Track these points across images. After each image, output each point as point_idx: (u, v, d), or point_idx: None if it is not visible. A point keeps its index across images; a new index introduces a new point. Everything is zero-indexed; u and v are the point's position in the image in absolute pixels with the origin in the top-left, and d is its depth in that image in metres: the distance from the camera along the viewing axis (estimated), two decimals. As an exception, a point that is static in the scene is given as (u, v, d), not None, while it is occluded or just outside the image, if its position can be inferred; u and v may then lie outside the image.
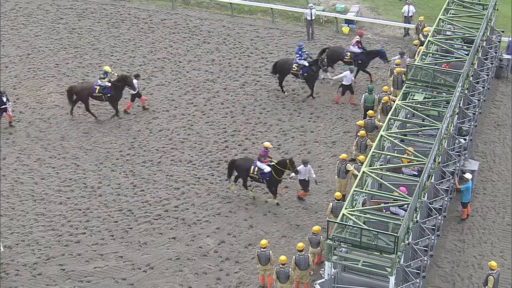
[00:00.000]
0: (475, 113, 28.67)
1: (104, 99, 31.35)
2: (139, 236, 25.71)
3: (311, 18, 36.73)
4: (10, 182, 28.07)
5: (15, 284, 23.89)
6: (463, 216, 26.11)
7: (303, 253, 22.55)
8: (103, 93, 31.10)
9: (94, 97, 31.31)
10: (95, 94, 31.14)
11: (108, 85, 31.09)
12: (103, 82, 31.12)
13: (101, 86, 31.07)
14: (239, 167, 26.96)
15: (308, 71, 32.10)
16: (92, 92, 31.12)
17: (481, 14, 31.57)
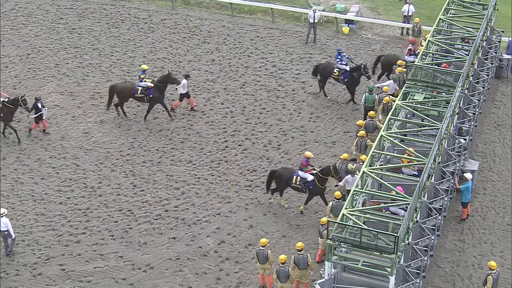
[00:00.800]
0: (475, 113, 28.67)
1: (146, 100, 31.02)
2: (139, 236, 25.71)
3: (313, 21, 36.61)
4: (10, 182, 28.07)
5: (15, 284, 23.89)
6: (463, 216, 26.11)
7: (302, 252, 22.55)
8: (145, 94, 30.80)
9: (136, 98, 31.05)
10: (138, 95, 30.85)
11: (151, 85, 30.73)
12: (145, 83, 30.79)
13: (143, 87, 30.74)
14: (280, 177, 26.33)
15: (349, 76, 31.56)
16: (134, 93, 30.81)
17: (481, 14, 31.57)
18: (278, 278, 22.33)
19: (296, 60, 35.60)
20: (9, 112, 29.74)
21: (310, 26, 36.84)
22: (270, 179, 26.58)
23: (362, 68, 31.67)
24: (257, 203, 27.14)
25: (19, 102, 29.63)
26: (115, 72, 34.76)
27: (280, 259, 22.25)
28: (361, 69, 31.70)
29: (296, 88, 33.57)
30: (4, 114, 29.68)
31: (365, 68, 31.64)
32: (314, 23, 36.68)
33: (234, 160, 29.03)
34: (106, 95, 33.05)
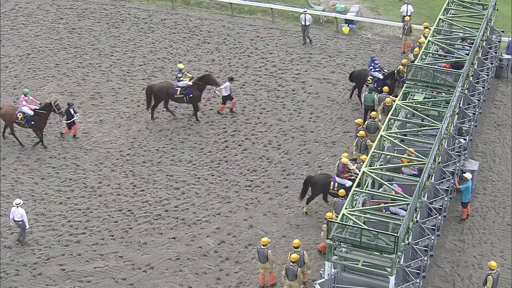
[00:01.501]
0: (475, 113, 28.67)
1: (186, 100, 30.73)
2: (139, 236, 25.71)
3: (305, 23, 36.38)
4: (10, 182, 28.07)
5: (15, 284, 23.90)
6: (463, 216, 26.11)
7: (298, 249, 22.63)
8: (185, 94, 30.54)
9: (175, 99, 30.75)
10: (177, 96, 30.50)
11: (190, 84, 30.52)
12: (184, 82, 30.51)
13: (182, 87, 30.45)
14: (316, 183, 25.89)
15: (382, 84, 30.95)
16: (174, 93, 30.47)
17: (481, 14, 31.56)
18: (287, 276, 22.41)
19: (296, 60, 35.60)
20: (42, 119, 29.48)
21: (303, 29, 36.63)
22: (306, 185, 26.01)
23: (395, 74, 31.13)
24: (257, 203, 27.14)
25: (52, 108, 29.37)
26: (115, 72, 34.76)
27: (291, 258, 22.32)
28: (394, 76, 31.15)
29: (296, 88, 33.56)
30: (37, 122, 29.39)
31: (399, 73, 30.95)
32: (306, 25, 36.46)
33: (234, 160, 29.02)
34: (105, 94, 33.10)
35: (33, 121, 29.34)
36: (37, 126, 29.53)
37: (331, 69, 34.77)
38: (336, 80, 33.94)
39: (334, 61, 35.45)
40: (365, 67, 34.76)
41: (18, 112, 29.36)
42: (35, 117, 29.32)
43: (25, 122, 29.41)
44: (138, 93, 33.23)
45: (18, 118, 29.34)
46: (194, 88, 30.56)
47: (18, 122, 29.55)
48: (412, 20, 37.61)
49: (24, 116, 29.30)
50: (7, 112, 29.63)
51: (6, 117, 29.63)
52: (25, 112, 29.30)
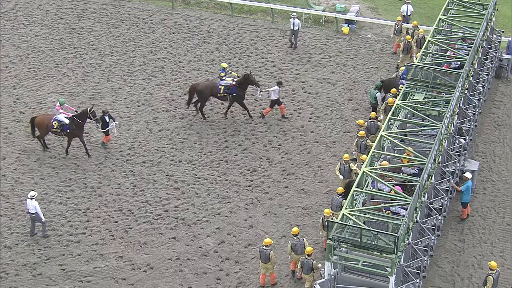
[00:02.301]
0: (475, 113, 28.67)
1: (228, 98, 30.85)
2: (139, 236, 25.72)
3: (293, 27, 36.00)
4: (10, 182, 28.07)
5: (15, 284, 23.90)
6: (463, 216, 26.11)
7: (298, 237, 22.81)
8: (228, 92, 30.63)
9: (218, 97, 30.89)
10: (220, 94, 30.64)
11: (233, 84, 30.56)
12: (227, 81, 30.60)
13: (225, 86, 30.56)
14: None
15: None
16: (217, 92, 30.62)
17: (481, 14, 31.56)
18: (302, 268, 22.63)
19: (296, 60, 35.59)
20: (78, 127, 29.02)
21: (292, 33, 36.27)
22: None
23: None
24: (257, 203, 27.14)
25: (88, 115, 28.98)
26: (115, 72, 34.76)
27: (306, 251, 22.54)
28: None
29: (296, 88, 33.56)
30: (73, 130, 28.89)
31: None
32: (295, 30, 35.99)
33: (234, 160, 29.02)
34: (105, 94, 33.11)
35: (69, 129, 28.80)
36: (72, 135, 29.01)
37: (331, 69, 34.77)
38: (336, 80, 33.94)
39: (334, 61, 35.45)
40: (365, 67, 34.82)
41: (53, 120, 28.82)
42: (71, 125, 28.78)
43: (61, 130, 28.87)
44: (138, 93, 33.24)
45: (54, 126, 28.80)
46: (238, 87, 30.62)
47: (54, 131, 29.01)
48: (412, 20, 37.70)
49: (60, 125, 28.75)
50: (43, 120, 29.07)
51: (41, 126, 29.06)
52: (60, 120, 28.75)
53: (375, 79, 33.78)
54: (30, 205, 25.08)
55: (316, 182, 27.99)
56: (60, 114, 28.97)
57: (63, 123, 28.84)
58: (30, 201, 25.05)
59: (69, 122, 28.80)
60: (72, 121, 28.87)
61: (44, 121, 29.10)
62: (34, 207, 25.07)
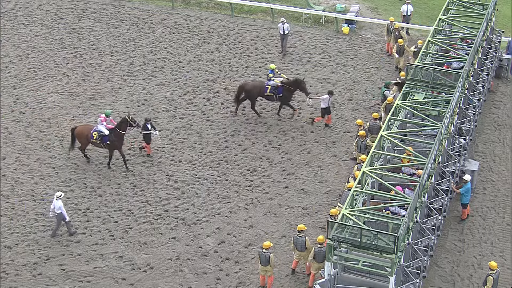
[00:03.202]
0: (475, 113, 28.67)
1: (275, 99, 30.89)
2: (139, 236, 25.72)
3: (283, 32, 35.46)
4: (10, 182, 28.07)
5: (15, 284, 23.90)
6: (463, 216, 26.11)
7: (301, 234, 23.05)
8: (275, 93, 30.59)
9: (265, 97, 30.91)
10: (267, 94, 30.66)
11: (279, 84, 30.53)
12: (274, 82, 30.59)
13: (272, 86, 30.55)
14: None
15: None
16: (264, 91, 30.66)
17: (481, 14, 31.56)
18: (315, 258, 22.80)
19: (296, 60, 35.59)
20: (118, 138, 28.32)
21: (281, 38, 35.83)
22: None
23: None
24: (257, 203, 27.14)
25: (128, 123, 28.27)
26: (115, 72, 34.76)
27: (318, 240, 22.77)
28: None
29: (296, 88, 33.53)
30: (113, 141, 28.21)
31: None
32: (284, 34, 35.50)
33: (234, 160, 29.01)
34: (105, 94, 33.12)
35: (109, 140, 28.16)
36: (113, 146, 28.32)
37: (331, 69, 34.77)
38: (336, 80, 33.94)
39: (334, 61, 35.45)
40: (365, 67, 34.81)
41: (93, 131, 28.15)
42: (111, 136, 28.12)
43: (100, 141, 28.20)
44: (138, 93, 33.24)
45: (93, 137, 28.15)
46: (285, 89, 30.59)
47: (93, 142, 28.34)
48: (412, 20, 37.72)
49: (100, 136, 28.08)
50: (82, 131, 28.42)
51: (81, 137, 28.42)
52: (100, 131, 28.09)
53: (375, 79, 33.80)
54: (56, 205, 25.16)
55: (316, 182, 27.99)
56: (101, 125, 28.18)
57: (103, 134, 28.09)
58: (56, 201, 25.12)
59: (109, 133, 28.05)
60: (112, 132, 28.12)
61: (84, 131, 28.35)
62: (59, 207, 25.16)
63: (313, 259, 22.89)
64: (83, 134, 28.43)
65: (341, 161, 28.99)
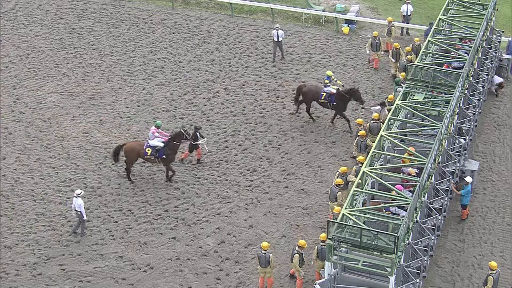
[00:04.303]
0: (475, 113, 28.67)
1: (329, 106, 30.33)
2: (139, 236, 25.72)
3: (277, 39, 34.79)
4: (10, 182, 28.07)
5: (15, 284, 23.90)
6: (463, 216, 26.11)
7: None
8: (329, 100, 29.99)
9: (319, 103, 30.36)
10: (321, 100, 30.09)
11: (333, 92, 29.93)
12: (330, 89, 30.01)
13: (327, 93, 29.96)
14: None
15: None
16: (319, 97, 30.10)
17: (481, 14, 31.56)
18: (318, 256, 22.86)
19: (296, 60, 35.59)
20: (173, 150, 27.57)
21: (275, 45, 35.06)
22: None
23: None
24: (257, 203, 27.14)
25: (183, 136, 27.68)
26: (115, 72, 34.76)
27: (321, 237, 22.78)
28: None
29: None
30: (168, 155, 27.49)
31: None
32: (278, 41, 34.85)
33: (234, 160, 29.01)
34: (105, 94, 33.11)
35: (164, 154, 27.33)
36: (169, 160, 27.57)
37: (331, 69, 34.74)
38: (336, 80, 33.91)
39: (334, 61, 35.45)
40: (365, 67, 34.81)
41: (146, 147, 27.23)
42: (166, 150, 27.35)
43: (156, 156, 27.32)
44: (138, 93, 33.25)
45: (147, 153, 27.19)
46: (338, 97, 29.92)
47: (147, 158, 27.44)
48: (412, 20, 37.72)
49: (155, 150, 27.20)
50: (133, 148, 27.44)
51: (131, 153, 27.41)
52: (155, 145, 27.20)
53: (375, 79, 33.82)
54: (76, 203, 25.22)
55: (316, 182, 28.00)
56: (154, 139, 27.35)
57: (158, 148, 27.27)
58: (76, 199, 25.19)
59: (164, 146, 27.31)
60: (166, 144, 27.42)
61: (136, 148, 27.43)
62: (79, 205, 25.24)
63: (316, 258, 22.86)
64: (134, 151, 27.42)
65: (341, 161, 28.99)
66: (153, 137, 27.48)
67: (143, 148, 27.40)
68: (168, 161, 27.67)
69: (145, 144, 27.46)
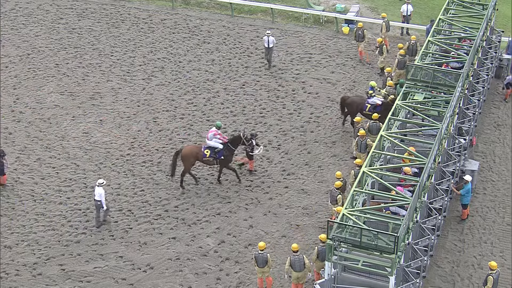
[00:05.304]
0: (475, 113, 28.67)
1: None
2: (139, 236, 25.72)
3: (268, 45, 34.19)
4: (10, 182, 28.06)
5: (15, 284, 23.90)
6: (463, 216, 26.11)
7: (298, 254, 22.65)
8: (374, 112, 28.97)
9: (364, 114, 29.40)
10: (365, 112, 29.30)
11: (379, 103, 29.21)
12: (375, 100, 29.25)
13: (372, 104, 29.17)
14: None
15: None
16: (363, 109, 29.36)
17: (481, 14, 31.56)
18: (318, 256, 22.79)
19: (296, 60, 35.59)
20: (231, 153, 27.59)
21: (266, 52, 34.53)
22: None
23: None
24: (257, 203, 27.14)
25: (242, 140, 27.56)
26: (115, 72, 34.77)
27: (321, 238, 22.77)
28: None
29: (296, 88, 33.56)
30: (226, 156, 27.39)
31: None
32: (269, 48, 34.26)
33: (234, 160, 28.99)
34: (105, 94, 33.13)
35: (223, 155, 27.19)
36: (226, 161, 27.45)
37: (331, 69, 34.78)
38: (336, 80, 33.94)
39: (334, 61, 35.45)
40: (365, 67, 34.80)
41: (205, 148, 27.13)
42: (225, 151, 27.27)
43: (214, 158, 27.17)
44: (138, 93, 33.25)
45: (206, 155, 27.07)
46: (384, 107, 28.95)
47: (206, 160, 27.29)
48: (412, 20, 37.72)
49: (215, 152, 27.10)
50: (191, 151, 27.23)
51: (189, 158, 27.08)
52: (214, 147, 27.12)
53: (375, 79, 33.78)
54: (97, 193, 25.37)
55: (316, 182, 28.00)
56: (212, 140, 27.24)
57: (217, 149, 27.19)
58: (97, 188, 25.37)
59: (223, 147, 27.23)
60: (224, 146, 27.34)
61: (193, 151, 27.22)
62: (100, 194, 25.37)
63: (316, 258, 22.85)
64: (192, 154, 27.16)
65: (341, 161, 29.00)
66: (213, 138, 27.39)
67: (201, 150, 27.26)
68: (225, 163, 27.61)
69: (203, 146, 27.35)
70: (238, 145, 27.68)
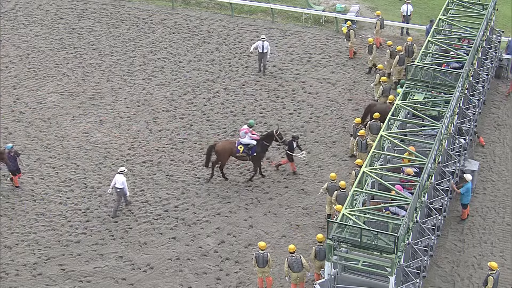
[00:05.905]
0: (475, 113, 28.66)
1: None
2: (139, 236, 25.72)
3: (262, 50, 33.76)
4: (10, 182, 28.05)
5: (15, 284, 23.90)
6: (463, 216, 26.11)
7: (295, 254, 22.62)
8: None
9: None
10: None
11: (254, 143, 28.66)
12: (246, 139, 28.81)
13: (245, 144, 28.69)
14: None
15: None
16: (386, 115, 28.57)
17: (481, 14, 31.56)
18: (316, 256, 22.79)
19: (296, 60, 35.59)
20: (264, 149, 27.65)
21: (260, 57, 34.13)
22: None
23: None
24: (257, 203, 27.14)
25: (274, 137, 27.62)
26: (115, 72, 34.77)
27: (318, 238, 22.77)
28: None
29: (296, 88, 33.56)
30: (259, 153, 27.51)
31: None
32: (263, 53, 33.83)
33: (234, 160, 29.00)
34: (105, 94, 33.14)
35: (256, 152, 27.34)
36: (259, 158, 27.64)
37: (331, 69, 34.78)
38: (336, 80, 33.94)
39: (334, 61, 35.45)
40: (365, 67, 34.81)
41: (238, 144, 27.31)
42: (258, 148, 27.37)
43: (247, 154, 27.36)
44: (138, 93, 33.25)
45: (240, 151, 27.26)
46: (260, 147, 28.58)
47: (239, 156, 27.51)
48: (412, 20, 37.70)
49: (248, 148, 27.28)
50: (226, 146, 27.39)
51: (224, 153, 27.31)
52: (247, 143, 27.31)
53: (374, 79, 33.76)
54: (119, 180, 25.78)
55: (316, 182, 27.99)
56: (245, 138, 27.43)
57: (251, 145, 27.34)
58: (118, 176, 25.79)
59: (256, 144, 27.37)
60: (257, 143, 27.48)
61: (228, 146, 27.41)
62: (122, 182, 25.79)
63: (314, 258, 22.85)
64: (227, 149, 27.35)
65: (341, 161, 29.00)
66: (245, 136, 27.58)
67: (235, 146, 27.47)
68: (258, 159, 27.78)
69: (237, 142, 27.55)
70: (271, 142, 27.84)
